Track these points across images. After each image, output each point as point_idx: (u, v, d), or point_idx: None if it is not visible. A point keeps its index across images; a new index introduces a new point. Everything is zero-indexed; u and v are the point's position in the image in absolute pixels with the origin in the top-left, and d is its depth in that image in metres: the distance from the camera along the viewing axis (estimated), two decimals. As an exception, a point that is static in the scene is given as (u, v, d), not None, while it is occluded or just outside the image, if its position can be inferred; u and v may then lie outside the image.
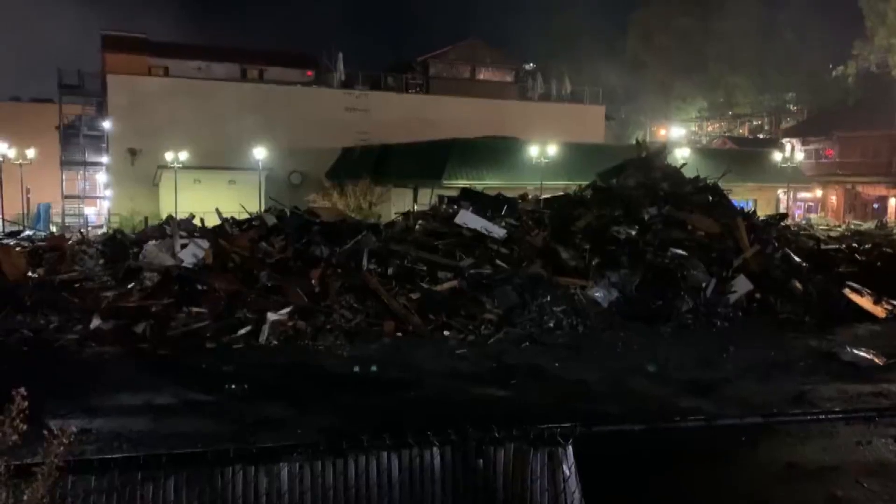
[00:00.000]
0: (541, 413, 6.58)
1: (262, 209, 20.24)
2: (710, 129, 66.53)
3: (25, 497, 2.43)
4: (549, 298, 10.67)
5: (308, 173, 37.88)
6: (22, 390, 2.58)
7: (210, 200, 23.40)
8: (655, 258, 12.02)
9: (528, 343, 9.73)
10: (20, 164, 38.01)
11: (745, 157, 39.20)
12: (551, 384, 8.06)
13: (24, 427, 2.54)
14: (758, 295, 11.98)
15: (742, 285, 11.91)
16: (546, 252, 12.09)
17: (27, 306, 10.07)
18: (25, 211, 38.03)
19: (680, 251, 12.25)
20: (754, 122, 66.36)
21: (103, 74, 39.66)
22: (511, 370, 8.51)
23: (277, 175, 36.96)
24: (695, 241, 12.74)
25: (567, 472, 3.57)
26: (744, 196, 29.44)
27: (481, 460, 3.66)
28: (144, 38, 42.37)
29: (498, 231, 12.44)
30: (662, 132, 56.22)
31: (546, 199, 14.87)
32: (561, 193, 15.54)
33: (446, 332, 10.11)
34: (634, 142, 18.97)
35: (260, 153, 35.14)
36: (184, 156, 34.70)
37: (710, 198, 14.25)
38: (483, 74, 48.44)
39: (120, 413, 6.68)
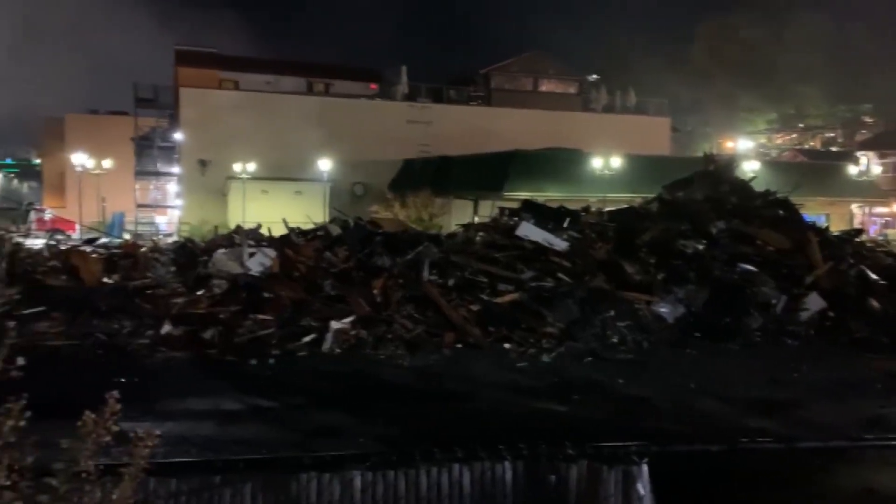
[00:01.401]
0: (603, 430, 6.46)
1: (327, 220, 20.58)
2: (779, 141, 64.74)
3: (115, 496, 2.54)
4: (612, 313, 10.51)
5: (371, 185, 38.44)
6: (115, 393, 2.69)
7: (276, 210, 23.91)
8: (723, 273, 11.72)
9: (590, 358, 9.60)
10: (97, 174, 39.72)
11: (817, 170, 37.96)
12: (614, 400, 7.91)
13: (117, 429, 2.65)
14: (831, 313, 11.53)
15: (814, 303, 11.50)
16: (609, 266, 11.92)
17: (102, 311, 10.45)
18: (101, 219, 39.61)
19: (749, 267, 11.91)
20: (827, 135, 64.22)
21: (176, 88, 41.15)
22: (572, 385, 8.40)
23: (341, 186, 37.63)
24: (764, 257, 12.38)
25: (641, 491, 3.50)
26: (816, 211, 28.46)
27: (554, 476, 3.62)
28: (215, 53, 43.83)
29: (560, 243, 12.32)
30: (730, 144, 54.92)
31: (610, 212, 14.66)
32: (625, 206, 15.31)
33: (506, 345, 10.05)
34: (701, 154, 18.57)
35: (325, 165, 35.86)
36: (251, 167, 35.69)
37: (781, 212, 13.84)
38: (546, 86, 48.32)
39: (187, 417, 6.85)
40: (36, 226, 35.79)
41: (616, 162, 29.55)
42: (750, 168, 26.70)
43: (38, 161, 70.65)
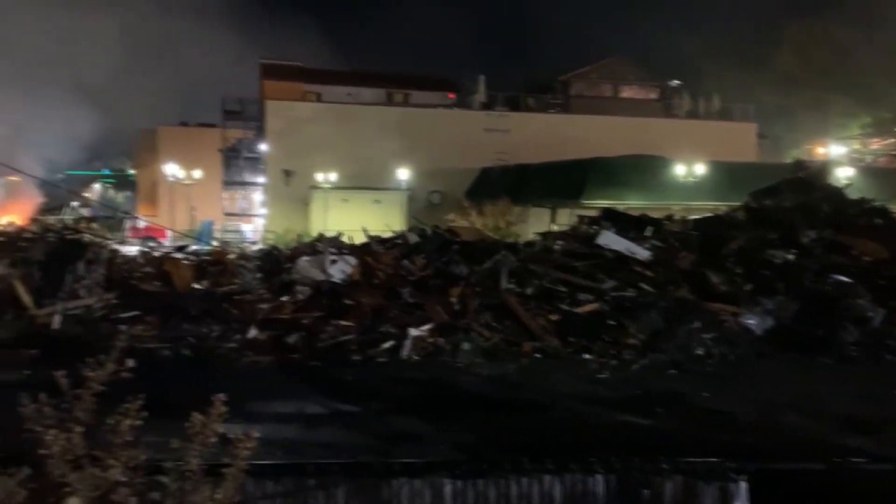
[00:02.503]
0: (689, 444, 6.28)
1: (405, 228, 20.83)
2: (875, 146, 61.55)
3: (219, 496, 2.66)
4: (697, 324, 10.22)
5: (447, 193, 38.67)
6: (222, 396, 2.81)
7: (356, 219, 24.35)
8: (815, 284, 11.24)
9: (673, 370, 9.36)
10: (188, 184, 41.48)
11: (918, 176, 35.89)
12: (698, 414, 7.69)
13: (222, 430, 2.76)
14: (935, 328, 10.88)
15: (916, 316, 10.87)
16: (694, 276, 11.61)
17: (193, 316, 10.88)
18: (191, 227, 41.25)
19: (843, 278, 11.37)
20: (929, 139, 60.64)
21: (262, 100, 42.56)
22: (655, 398, 8.20)
23: (418, 195, 38.07)
24: (860, 268, 11.79)
25: (740, 510, 3.38)
26: (916, 219, 26.89)
27: (647, 490, 3.54)
28: (299, 66, 45.09)
29: (642, 253, 12.09)
30: (821, 150, 52.58)
31: (694, 221, 14.30)
32: (710, 214, 14.90)
33: (586, 356, 9.92)
34: (791, 160, 17.90)
35: (403, 174, 36.32)
36: (333, 176, 36.55)
37: (878, 221, 13.18)
38: (626, 92, 47.55)
39: (273, 420, 7.03)
40: (130, 233, 37.57)
41: (700, 169, 28.79)
42: (843, 174, 25.49)
43: (132, 171, 74.23)
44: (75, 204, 45.67)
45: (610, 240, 12.36)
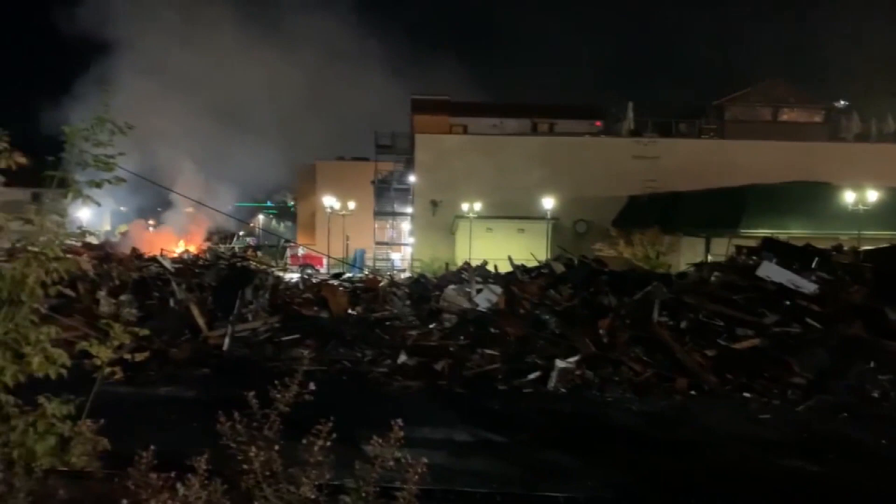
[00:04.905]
0: (867, 495, 5.75)
1: (550, 257, 20.74)
2: None
3: None
4: (871, 364, 9.38)
5: (593, 222, 38.11)
6: (399, 421, 2.94)
7: (501, 248, 24.59)
8: None
9: (845, 414, 8.61)
10: (343, 215, 43.62)
11: None
12: (876, 464, 7.02)
13: (399, 455, 2.89)
14: None
15: None
16: (868, 311, 10.69)
17: (347, 340, 11.36)
18: (345, 255, 43.18)
19: None
20: None
21: (412, 134, 44.09)
22: (824, 443, 7.59)
23: (563, 224, 37.74)
24: None
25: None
26: None
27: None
28: (447, 100, 46.32)
29: (807, 285, 11.31)
30: None
31: (867, 252, 13.22)
32: (885, 245, 13.70)
33: (746, 395, 9.36)
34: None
35: (548, 203, 36.18)
36: (478, 206, 37.07)
37: None
38: (786, 115, 44.87)
39: (422, 446, 7.14)
40: (291, 261, 39.90)
41: (873, 196, 26.53)
42: None
43: (292, 203, 79.14)
44: (242, 233, 49.22)
45: (771, 271, 11.66)
